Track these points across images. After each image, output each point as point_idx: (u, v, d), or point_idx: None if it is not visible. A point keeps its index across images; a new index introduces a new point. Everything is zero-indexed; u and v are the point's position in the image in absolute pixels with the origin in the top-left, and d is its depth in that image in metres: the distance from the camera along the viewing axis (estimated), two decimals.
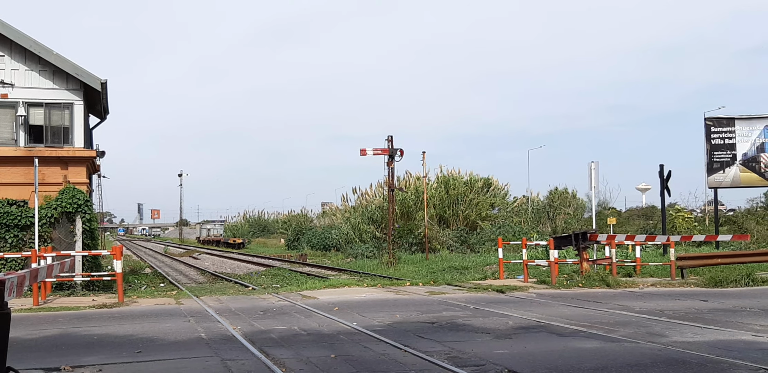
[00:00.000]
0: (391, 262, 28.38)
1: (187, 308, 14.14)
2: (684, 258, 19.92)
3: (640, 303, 14.03)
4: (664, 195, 29.07)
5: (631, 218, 47.87)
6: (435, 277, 21.30)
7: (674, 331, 10.27)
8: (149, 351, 9.07)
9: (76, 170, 20.28)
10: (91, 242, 19.78)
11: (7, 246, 18.41)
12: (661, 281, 18.69)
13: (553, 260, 18.66)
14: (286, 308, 13.98)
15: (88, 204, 19.40)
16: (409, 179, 45.14)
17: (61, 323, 12.08)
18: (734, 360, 7.96)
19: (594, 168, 22.67)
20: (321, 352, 8.84)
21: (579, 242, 19.00)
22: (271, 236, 76.72)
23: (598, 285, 17.51)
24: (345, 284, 18.84)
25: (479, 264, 26.36)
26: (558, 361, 8.09)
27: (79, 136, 20.36)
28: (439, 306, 13.87)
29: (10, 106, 19.95)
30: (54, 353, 9.06)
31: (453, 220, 41.46)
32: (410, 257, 33.04)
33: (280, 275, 26.87)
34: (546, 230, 38.81)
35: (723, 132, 33.22)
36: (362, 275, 24.12)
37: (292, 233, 61.98)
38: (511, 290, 16.89)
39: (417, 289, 17.65)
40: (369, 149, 28.72)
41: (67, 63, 20.04)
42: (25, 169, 19.34)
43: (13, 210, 18.66)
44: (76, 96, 20.32)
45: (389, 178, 29.43)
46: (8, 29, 19.73)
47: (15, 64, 20.07)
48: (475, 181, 43.52)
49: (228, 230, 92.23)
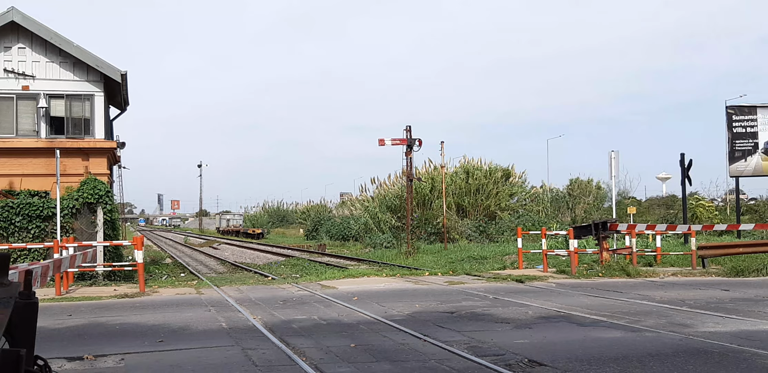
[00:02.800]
0: (409, 252, 28.40)
1: (207, 297, 14.23)
2: (705, 247, 19.77)
3: (660, 293, 13.96)
4: (685, 184, 28.82)
5: (651, 207, 47.55)
6: (454, 267, 21.29)
7: (696, 321, 10.21)
8: (171, 341, 9.14)
9: (97, 161, 20.44)
10: (113, 233, 19.94)
11: (30, 237, 18.58)
12: (682, 271, 18.57)
13: (573, 250, 18.58)
14: (305, 297, 14.03)
15: (109, 195, 19.55)
16: (428, 169, 45.06)
17: (84, 312, 12.20)
18: (757, 350, 7.90)
19: (614, 157, 22.52)
20: (341, 341, 8.87)
21: (599, 231, 18.91)
22: (290, 227, 77.04)
23: (619, 275, 17.44)
24: (364, 274, 18.88)
25: (498, 254, 26.31)
26: (578, 351, 8.06)
27: (99, 128, 20.50)
28: (459, 296, 13.87)
29: (31, 98, 20.11)
30: (76, 342, 9.15)
31: (472, 209, 41.37)
32: (429, 246, 33.01)
33: (299, 265, 26.96)
34: (565, 220, 38.65)
35: (745, 120, 32.81)
36: (381, 265, 24.17)
37: (311, 223, 62.16)
38: (531, 279, 16.85)
39: (436, 279, 17.65)
40: (387, 139, 28.70)
41: (88, 55, 20.15)
42: (47, 160, 19.48)
43: (35, 201, 18.83)
44: (96, 88, 20.44)
45: (408, 168, 29.42)
46: (29, 22, 19.86)
47: (36, 56, 20.22)
48: (494, 171, 43.33)
49: (247, 220, 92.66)
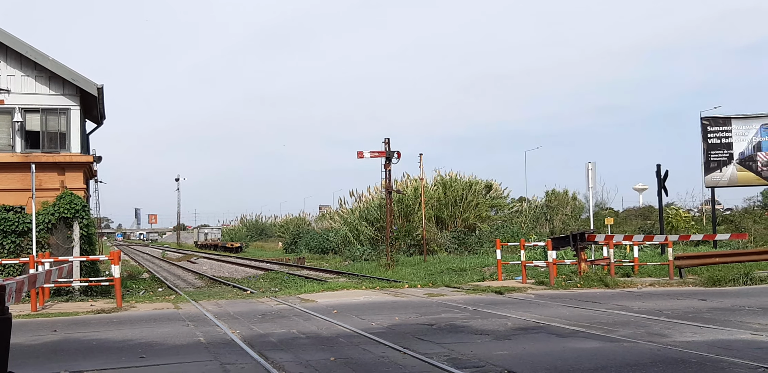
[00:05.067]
0: (389, 264, 28.36)
1: (185, 312, 14.13)
2: (682, 257, 19.92)
3: (638, 303, 14.04)
4: (662, 195, 29.11)
5: (628, 218, 47.87)
6: (433, 279, 21.29)
7: (673, 330, 10.28)
8: (148, 356, 9.06)
9: (73, 176, 20.25)
10: (89, 248, 19.75)
11: (5, 252, 18.37)
12: (659, 281, 18.70)
13: (552, 261, 18.65)
14: (284, 311, 13.97)
15: (85, 209, 19.38)
16: (407, 181, 45.13)
17: (60, 328, 12.06)
18: (734, 359, 7.97)
19: (591, 169, 22.70)
20: (320, 355, 8.83)
21: (577, 242, 19.03)
22: (268, 240, 76.75)
23: (597, 285, 17.52)
24: (343, 287, 18.84)
25: (477, 266, 26.34)
26: (557, 361, 8.09)
27: (75, 142, 20.33)
28: (438, 308, 13.87)
29: (6, 113, 19.93)
30: (53, 358, 9.05)
31: (451, 221, 41.44)
32: (408, 259, 33.00)
33: (278, 278, 26.84)
34: (544, 231, 38.79)
35: (719, 131, 33.23)
36: (360, 278, 24.11)
37: (289, 236, 61.95)
38: (510, 291, 16.89)
39: (415, 291, 17.64)
40: (366, 152, 28.73)
41: (63, 68, 20.02)
42: (22, 175, 19.28)
43: (10, 216, 18.63)
44: (72, 101, 20.30)
45: (386, 180, 29.45)
46: (4, 35, 19.70)
47: (11, 70, 20.05)
48: (475, 184, 43.50)
49: (225, 234, 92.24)
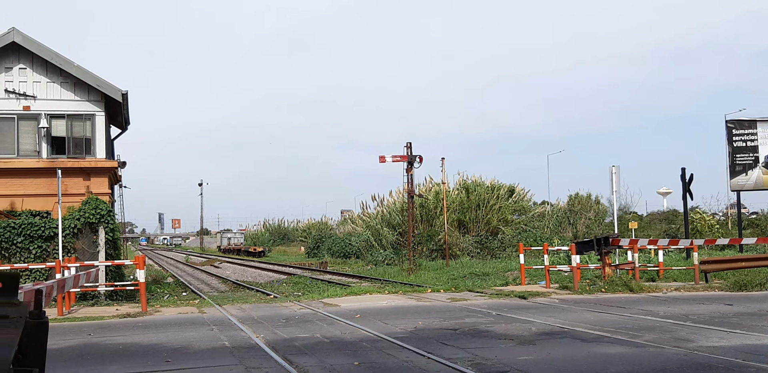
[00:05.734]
0: (411, 269, 28.34)
1: (210, 316, 14.20)
2: (707, 262, 19.74)
3: (664, 308, 13.93)
4: (686, 199, 28.84)
5: (652, 222, 47.50)
6: (456, 283, 21.24)
7: (700, 335, 10.18)
8: (174, 360, 9.12)
9: (99, 181, 20.48)
10: (114, 252, 19.93)
11: (32, 257, 18.57)
12: (684, 286, 18.53)
13: (576, 266, 18.56)
14: (308, 315, 14.00)
15: (110, 214, 19.56)
16: (429, 185, 45.08)
17: (86, 332, 12.16)
18: (761, 364, 7.88)
19: (615, 172, 22.55)
20: (344, 359, 8.84)
21: (601, 246, 18.89)
22: (291, 244, 76.90)
23: (621, 290, 17.40)
24: (366, 292, 18.84)
25: (500, 270, 26.26)
26: (582, 367, 8.04)
27: (100, 147, 20.56)
28: (461, 313, 13.83)
29: (32, 118, 20.20)
30: (79, 362, 9.12)
31: (473, 225, 41.32)
32: (430, 263, 32.94)
33: (301, 283, 26.91)
34: (567, 235, 38.58)
35: (745, 134, 32.82)
36: (383, 282, 24.12)
37: (312, 240, 62.07)
38: (533, 295, 16.82)
39: (438, 296, 17.61)
40: (388, 156, 28.73)
41: (88, 75, 20.26)
42: (48, 180, 19.51)
43: (36, 221, 18.84)
44: (97, 107, 20.53)
45: (408, 184, 29.43)
46: (30, 42, 19.99)
47: (37, 77, 20.33)
48: (498, 188, 43.35)
49: (248, 238, 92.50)
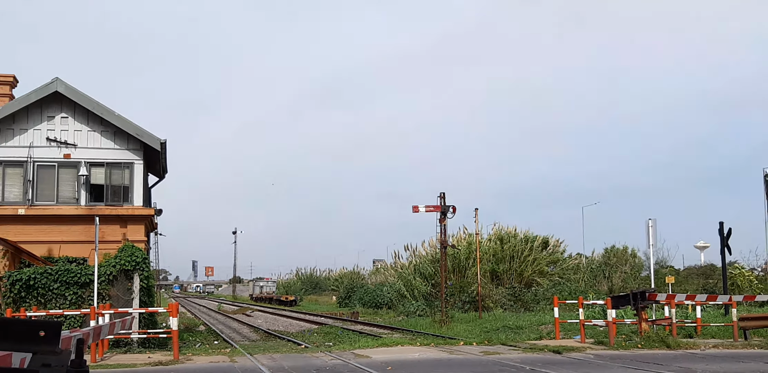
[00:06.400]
0: (443, 320, 28.02)
1: (241, 365, 14.15)
2: (747, 318, 19.30)
3: (702, 365, 13.59)
4: (725, 253, 28.32)
5: (689, 276, 46.55)
6: (489, 336, 20.96)
7: None
8: None
9: (135, 228, 20.75)
10: (148, 299, 20.05)
11: (67, 303, 18.72)
12: (723, 343, 18.09)
13: (611, 320, 18.23)
14: (339, 366, 13.87)
15: (146, 262, 19.74)
16: (462, 235, 44.88)
17: None
18: None
19: (652, 225, 22.32)
20: None
21: (637, 301, 18.55)
22: (322, 293, 76.62)
23: (658, 346, 17.02)
24: (398, 343, 18.66)
25: (534, 323, 25.86)
26: None
27: (138, 195, 20.89)
28: (494, 367, 13.62)
29: (72, 166, 20.64)
30: None
31: (506, 277, 40.92)
32: (463, 315, 32.56)
33: (332, 333, 26.73)
34: (602, 289, 37.98)
35: None
36: (415, 334, 23.86)
37: (343, 290, 61.82)
38: (568, 350, 16.51)
39: (471, 348, 17.37)
40: (421, 206, 28.73)
41: (129, 124, 20.73)
42: (86, 227, 19.77)
43: (73, 268, 19.06)
44: (136, 156, 20.93)
45: (441, 235, 29.32)
46: (72, 92, 20.57)
47: (78, 126, 20.84)
48: (532, 240, 43.07)
49: (280, 287, 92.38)
